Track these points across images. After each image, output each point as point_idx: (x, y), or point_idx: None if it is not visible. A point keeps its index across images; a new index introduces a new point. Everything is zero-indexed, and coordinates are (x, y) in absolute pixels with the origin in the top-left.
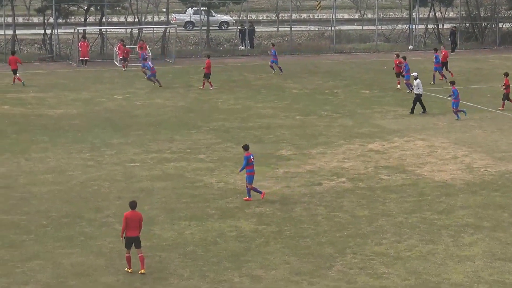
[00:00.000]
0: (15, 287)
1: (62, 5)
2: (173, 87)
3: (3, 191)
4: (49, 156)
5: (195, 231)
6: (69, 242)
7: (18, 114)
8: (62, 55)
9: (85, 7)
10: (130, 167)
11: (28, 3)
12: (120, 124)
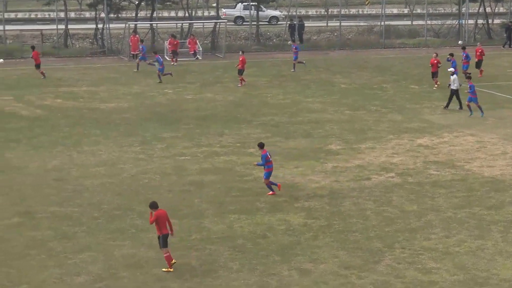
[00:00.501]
0: (67, 278)
1: (114, 0)
2: (223, 81)
3: (56, 184)
4: (100, 149)
5: (245, 224)
6: (121, 234)
7: (71, 108)
8: (113, 49)
9: (136, 2)
10: (180, 161)
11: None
12: (170, 118)
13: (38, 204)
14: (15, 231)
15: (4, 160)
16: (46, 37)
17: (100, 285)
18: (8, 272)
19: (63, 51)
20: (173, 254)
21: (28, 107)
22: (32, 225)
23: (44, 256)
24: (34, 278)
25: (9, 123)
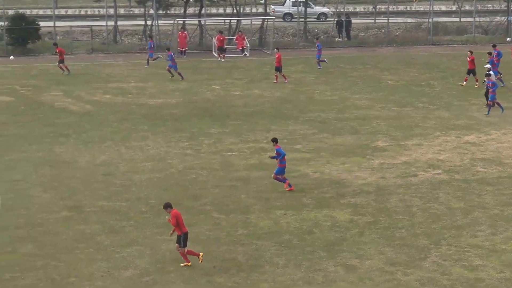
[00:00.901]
0: (114, 271)
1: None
2: (270, 78)
3: (104, 178)
4: (148, 145)
5: (291, 220)
6: (168, 228)
7: (119, 103)
8: (162, 45)
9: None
10: (227, 156)
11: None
12: (218, 113)
13: (87, 198)
14: (64, 225)
15: (53, 154)
16: (95, 34)
17: (147, 279)
18: (57, 265)
19: (112, 47)
20: (219, 249)
21: (78, 102)
22: (80, 219)
23: (92, 250)
24: (82, 271)
25: (59, 118)
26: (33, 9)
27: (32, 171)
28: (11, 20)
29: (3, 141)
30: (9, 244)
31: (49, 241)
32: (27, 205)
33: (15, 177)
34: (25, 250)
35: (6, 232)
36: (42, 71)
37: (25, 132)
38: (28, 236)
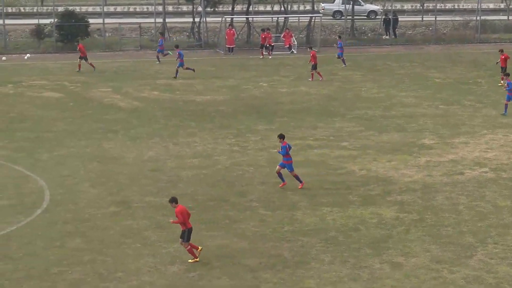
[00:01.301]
0: (161, 267)
1: None
2: (317, 75)
3: (152, 174)
4: (196, 141)
5: (337, 217)
6: (214, 224)
7: (167, 100)
8: (209, 43)
9: None
10: (274, 153)
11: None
12: (265, 111)
13: (134, 194)
14: (111, 220)
15: (102, 150)
16: (144, 30)
17: (193, 275)
18: (104, 260)
19: None
20: (265, 245)
21: (126, 98)
22: (128, 215)
23: (139, 245)
24: (129, 266)
25: (107, 114)
26: (83, 6)
27: (81, 167)
28: (60, 17)
29: (53, 137)
30: (57, 238)
31: (97, 236)
32: (76, 200)
33: (64, 172)
34: (73, 244)
35: (54, 226)
36: (91, 67)
37: (74, 128)
38: (76, 231)
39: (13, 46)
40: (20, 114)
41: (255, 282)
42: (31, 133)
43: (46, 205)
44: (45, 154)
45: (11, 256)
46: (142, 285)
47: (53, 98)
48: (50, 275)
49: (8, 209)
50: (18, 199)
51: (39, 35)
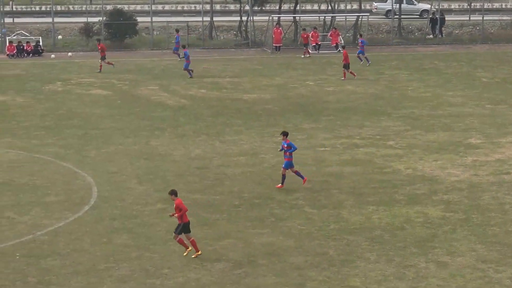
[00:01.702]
0: (207, 264)
1: None
2: (364, 74)
3: (198, 172)
4: (242, 139)
5: (383, 216)
6: (260, 222)
7: (214, 98)
8: (256, 41)
9: None
10: (320, 152)
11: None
12: (311, 109)
13: (181, 191)
14: (158, 217)
15: (149, 147)
16: (191, 29)
17: (239, 272)
18: (151, 256)
19: (208, 43)
20: (311, 244)
21: (173, 96)
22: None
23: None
24: (175, 263)
25: (155, 112)
26: (131, 4)
27: (128, 164)
28: (109, 15)
29: (101, 134)
30: (104, 235)
31: (144, 232)
32: (123, 197)
33: (112, 169)
34: (120, 241)
35: (102, 223)
36: (138, 65)
37: (121, 125)
38: (123, 227)
39: (62, 44)
40: (69, 112)
41: (300, 280)
42: (80, 130)
43: (94, 201)
44: (93, 151)
45: (59, 252)
46: (188, 281)
47: (101, 95)
48: (97, 271)
49: (56, 205)
50: (66, 195)
51: (88, 33)
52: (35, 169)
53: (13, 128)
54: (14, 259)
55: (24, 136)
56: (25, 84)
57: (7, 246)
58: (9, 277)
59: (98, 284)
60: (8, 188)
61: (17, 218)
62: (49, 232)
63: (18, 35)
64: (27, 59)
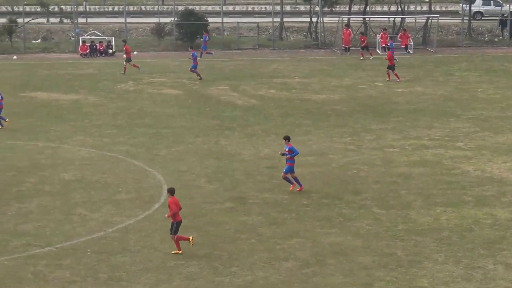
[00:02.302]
0: (275, 262)
1: None
2: (434, 75)
3: (267, 171)
4: (311, 139)
5: (451, 217)
6: (328, 222)
7: (283, 98)
8: (326, 42)
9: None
10: (389, 152)
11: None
12: (380, 110)
13: (250, 190)
14: (227, 215)
15: (219, 147)
16: (262, 30)
17: (307, 271)
18: (220, 255)
19: (277, 44)
20: (379, 244)
21: (243, 96)
22: (243, 210)
23: (254, 241)
24: (244, 261)
25: (225, 111)
26: (202, 5)
27: (198, 163)
28: (180, 16)
29: (171, 133)
30: None
31: (213, 231)
32: (192, 195)
33: (182, 168)
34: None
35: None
36: (210, 65)
37: (191, 124)
38: (192, 225)
39: (134, 44)
40: (140, 111)
41: (368, 280)
42: (150, 129)
43: (164, 199)
44: (164, 149)
45: (129, 249)
46: (256, 280)
47: (172, 95)
48: (166, 268)
49: (127, 203)
50: (136, 193)
51: (160, 33)
52: (106, 167)
53: (85, 126)
54: (85, 255)
55: (96, 135)
56: (97, 83)
57: (78, 242)
58: (81, 273)
59: (167, 281)
60: (80, 185)
61: (88, 215)
62: (120, 229)
63: (91, 35)
64: (99, 58)
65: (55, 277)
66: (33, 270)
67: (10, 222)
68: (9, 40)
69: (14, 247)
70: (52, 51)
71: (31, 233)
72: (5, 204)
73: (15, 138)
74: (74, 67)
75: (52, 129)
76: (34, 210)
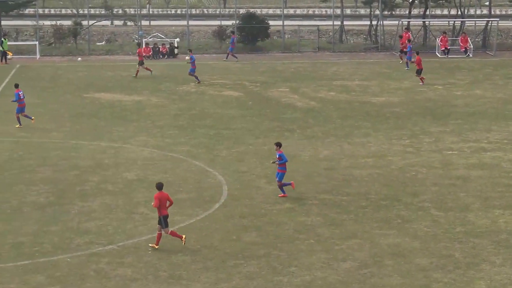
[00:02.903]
0: (333, 263)
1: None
2: (493, 79)
3: (326, 172)
4: (370, 141)
5: (509, 219)
6: (386, 223)
7: (343, 101)
8: (386, 45)
9: (410, 0)
10: (448, 155)
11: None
12: (439, 113)
13: (309, 191)
14: (286, 216)
15: None
16: (322, 33)
17: (364, 272)
18: (279, 254)
19: (338, 46)
20: (437, 246)
21: (303, 98)
22: (302, 211)
23: (313, 241)
24: (303, 261)
25: (285, 113)
26: (264, 8)
27: (258, 164)
28: (242, 19)
29: (232, 134)
30: (234, 232)
31: (272, 231)
32: (252, 196)
33: (242, 168)
34: (249, 238)
35: (231, 220)
36: (270, 68)
37: (252, 126)
38: (252, 225)
39: (196, 46)
40: (201, 112)
41: (425, 282)
42: (211, 130)
43: (224, 199)
44: (224, 150)
45: (190, 248)
46: (314, 280)
47: (233, 97)
48: (226, 268)
49: (187, 203)
50: (197, 193)
51: (221, 36)
52: (168, 167)
53: (148, 127)
54: (146, 253)
55: (158, 135)
56: (160, 85)
57: (140, 240)
58: (141, 271)
59: (226, 280)
60: (142, 184)
61: (150, 214)
62: (181, 228)
63: (154, 37)
64: (162, 60)
65: (116, 274)
66: (95, 267)
67: (74, 221)
68: (74, 42)
69: (77, 245)
70: (115, 53)
71: (93, 231)
72: (68, 203)
73: (78, 138)
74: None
75: (115, 129)
76: (97, 209)
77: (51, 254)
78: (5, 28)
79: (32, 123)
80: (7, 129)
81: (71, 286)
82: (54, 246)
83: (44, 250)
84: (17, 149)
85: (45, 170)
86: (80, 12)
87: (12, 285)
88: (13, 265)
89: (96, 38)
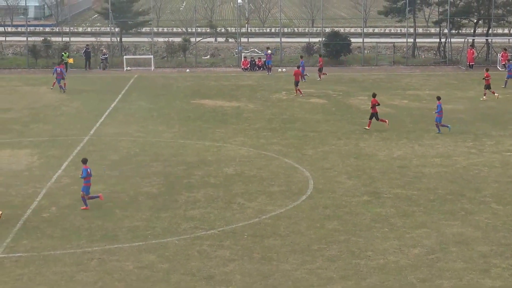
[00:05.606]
0: (405, 249)
1: (456, 19)
2: None
3: (399, 170)
4: (438, 143)
5: None
6: (451, 215)
7: (415, 108)
8: (453, 60)
9: (475, 21)
10: (507, 156)
11: (427, 17)
12: (500, 119)
13: (384, 186)
14: (363, 207)
15: (358, 148)
16: (397, 49)
17: (432, 257)
18: (357, 241)
19: (410, 61)
20: (496, 235)
21: (380, 106)
22: (378, 203)
23: (387, 230)
24: (377, 247)
25: (364, 118)
26: (346, 27)
27: (340, 162)
28: (327, 36)
29: (317, 136)
30: (318, 220)
31: (351, 220)
32: (334, 189)
33: (326, 165)
34: (331, 226)
35: (316, 210)
36: (351, 79)
37: (335, 129)
38: (333, 214)
39: (287, 60)
40: (291, 116)
41: (486, 267)
42: (300, 132)
43: (310, 192)
44: (311, 150)
45: (280, 234)
46: (387, 263)
47: (319, 104)
48: (311, 251)
49: (278, 195)
50: (287, 186)
51: (309, 51)
52: (262, 164)
53: (245, 129)
54: (242, 237)
55: (254, 136)
56: (256, 93)
57: (237, 226)
58: (238, 253)
59: (311, 262)
60: (240, 178)
61: (246, 204)
62: (272, 216)
63: (251, 52)
64: (258, 72)
65: (217, 255)
66: (199, 249)
67: (181, 208)
68: (183, 56)
69: (183, 229)
70: (218, 66)
71: (197, 218)
72: (177, 193)
73: (186, 138)
74: (236, 79)
75: (217, 131)
76: (201, 199)
77: (162, 237)
78: (125, 43)
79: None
80: (127, 130)
81: (178, 264)
82: (164, 230)
83: (156, 233)
84: (134, 147)
85: (157, 165)
86: (189, 30)
87: (128, 262)
88: (129, 245)
89: (202, 53)
